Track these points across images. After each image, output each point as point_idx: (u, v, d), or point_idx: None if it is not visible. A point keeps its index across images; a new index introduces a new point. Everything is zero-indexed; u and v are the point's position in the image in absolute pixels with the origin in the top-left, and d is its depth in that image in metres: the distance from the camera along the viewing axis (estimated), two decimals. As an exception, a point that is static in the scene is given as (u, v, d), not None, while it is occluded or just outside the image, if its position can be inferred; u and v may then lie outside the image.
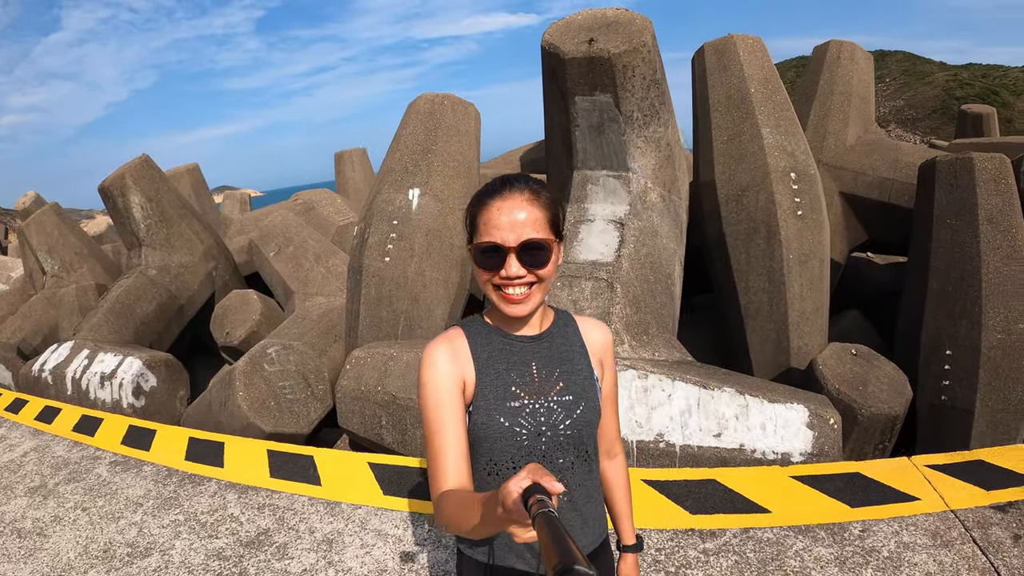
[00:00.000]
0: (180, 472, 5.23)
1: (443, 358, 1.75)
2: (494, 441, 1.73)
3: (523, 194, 1.69)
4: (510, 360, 1.79)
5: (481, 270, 1.71)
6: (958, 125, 15.53)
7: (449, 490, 1.59)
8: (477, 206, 1.73)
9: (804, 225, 6.44)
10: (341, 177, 16.44)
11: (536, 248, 1.66)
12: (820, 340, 6.55)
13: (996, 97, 54.88)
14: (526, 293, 1.69)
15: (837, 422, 4.69)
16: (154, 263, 9.38)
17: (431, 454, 1.68)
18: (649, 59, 5.42)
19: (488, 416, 1.73)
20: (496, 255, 1.67)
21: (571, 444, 1.79)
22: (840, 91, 8.46)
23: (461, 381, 1.74)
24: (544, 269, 1.68)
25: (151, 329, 8.97)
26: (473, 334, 1.82)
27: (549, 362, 1.82)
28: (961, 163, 5.97)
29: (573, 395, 1.79)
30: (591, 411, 1.81)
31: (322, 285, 9.35)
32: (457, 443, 1.67)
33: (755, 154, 6.55)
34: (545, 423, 1.75)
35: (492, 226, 1.67)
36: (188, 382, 7.92)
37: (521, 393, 1.76)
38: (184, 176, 12.99)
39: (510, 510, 1.15)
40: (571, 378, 1.81)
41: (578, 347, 1.88)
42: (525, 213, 1.66)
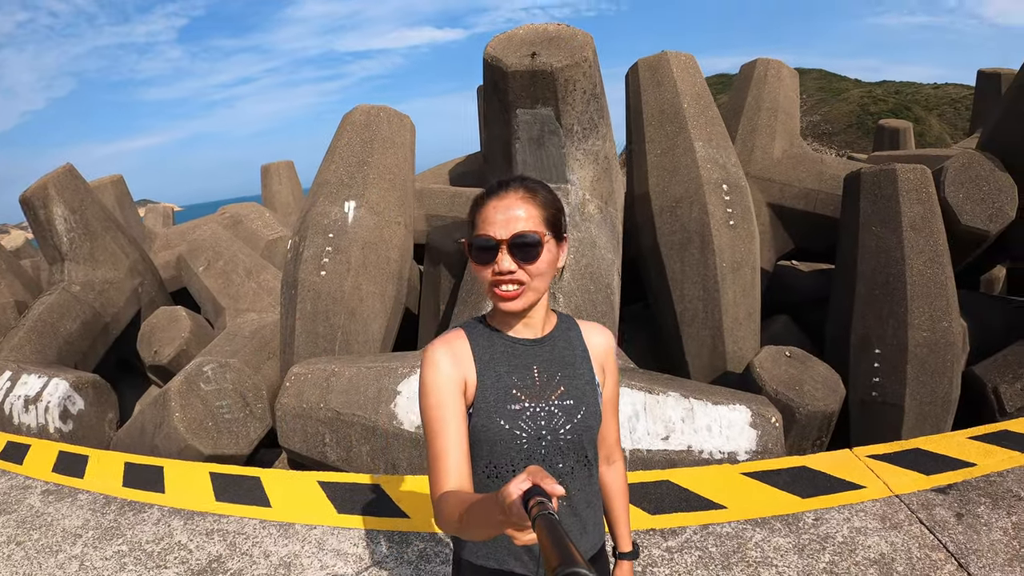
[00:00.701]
0: (119, 499, 4.95)
1: (444, 359, 1.76)
2: (494, 444, 1.74)
3: (518, 192, 1.73)
4: (511, 363, 1.80)
5: (476, 265, 1.73)
6: (876, 139, 16.19)
7: (449, 491, 1.60)
8: (476, 206, 1.77)
9: (736, 234, 6.64)
10: (268, 191, 16.17)
11: (526, 243, 1.67)
12: (753, 344, 6.76)
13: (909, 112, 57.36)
14: (519, 290, 1.70)
15: (778, 420, 4.91)
16: (78, 279, 8.99)
17: (432, 455, 1.69)
18: (590, 74, 5.51)
19: (488, 419, 1.73)
20: (489, 250, 1.69)
21: (571, 449, 1.79)
22: (767, 107, 8.75)
23: (462, 382, 1.75)
24: (534, 265, 1.69)
25: (75, 349, 8.58)
26: (475, 336, 1.83)
27: (551, 366, 1.82)
28: (885, 174, 6.25)
29: (574, 399, 1.80)
30: (592, 416, 1.82)
31: (254, 301, 9.17)
32: (458, 444, 1.68)
33: (688, 167, 6.73)
34: (546, 427, 1.75)
35: (487, 223, 1.70)
36: (117, 404, 7.60)
37: (522, 396, 1.76)
38: (108, 188, 12.51)
39: (510, 512, 1.16)
40: (572, 382, 1.82)
41: (580, 351, 1.89)
42: (520, 210, 1.69)
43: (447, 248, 8.39)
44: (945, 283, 6.04)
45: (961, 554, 3.46)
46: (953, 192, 6.66)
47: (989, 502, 3.89)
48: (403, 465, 5.04)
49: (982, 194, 6.70)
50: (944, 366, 6.01)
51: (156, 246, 12.62)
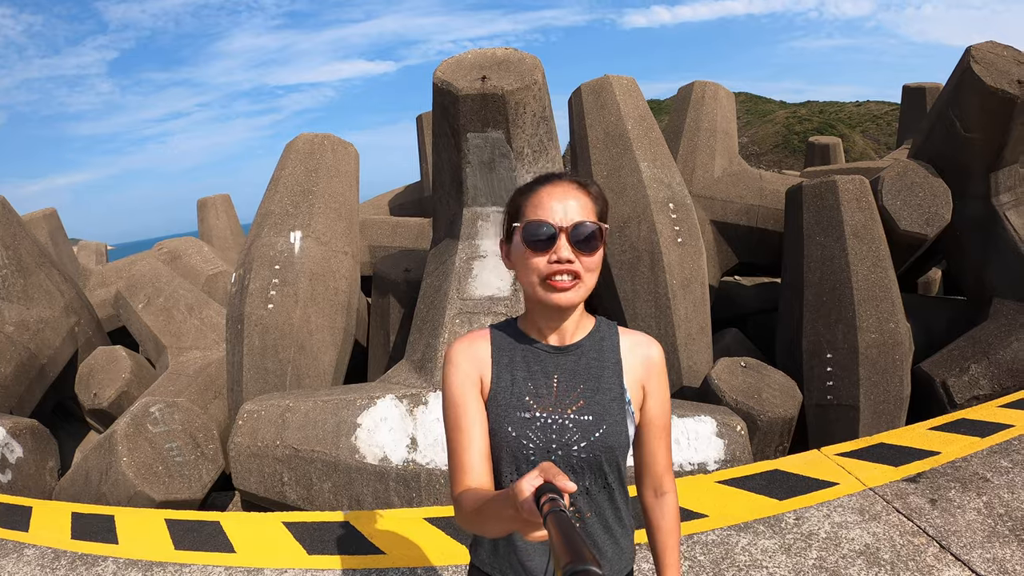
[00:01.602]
0: (69, 552, 4.60)
1: (463, 357, 1.72)
2: (500, 450, 1.67)
3: (572, 183, 1.65)
4: (530, 369, 1.71)
5: (530, 252, 1.60)
6: (807, 155, 16.69)
7: (467, 488, 1.57)
8: (523, 195, 1.69)
9: (684, 251, 6.73)
10: (204, 225, 15.81)
11: (588, 234, 1.58)
12: (707, 358, 6.83)
13: (833, 130, 59.18)
14: (574, 282, 1.60)
15: (744, 429, 5.02)
16: (11, 318, 8.57)
17: (450, 452, 1.66)
18: (540, 96, 5.53)
19: (496, 423, 1.68)
20: (545, 237, 1.58)
21: (586, 468, 1.67)
22: (706, 128, 8.96)
23: (479, 380, 1.71)
24: (593, 257, 1.61)
25: (10, 393, 8.14)
26: (498, 337, 1.77)
27: (573, 376, 1.71)
28: (826, 186, 6.44)
29: (593, 415, 1.67)
30: (613, 436, 1.68)
31: (197, 338, 8.92)
32: (476, 441, 1.64)
33: (635, 187, 6.81)
34: (556, 440, 1.65)
35: (542, 208, 1.61)
36: (57, 451, 7.24)
37: (534, 405, 1.68)
38: (41, 222, 12.04)
39: (522, 509, 1.14)
40: (595, 396, 1.69)
41: (611, 364, 1.74)
42: (575, 200, 1.61)
43: (395, 278, 8.30)
44: (889, 286, 6.28)
45: (941, 537, 3.60)
46: (891, 199, 6.90)
47: (959, 486, 4.06)
48: (368, 500, 4.93)
49: (918, 200, 6.96)
50: (894, 365, 6.24)
51: (91, 283, 12.24)
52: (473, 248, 5.94)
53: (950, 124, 7.07)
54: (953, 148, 7.14)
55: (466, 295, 5.66)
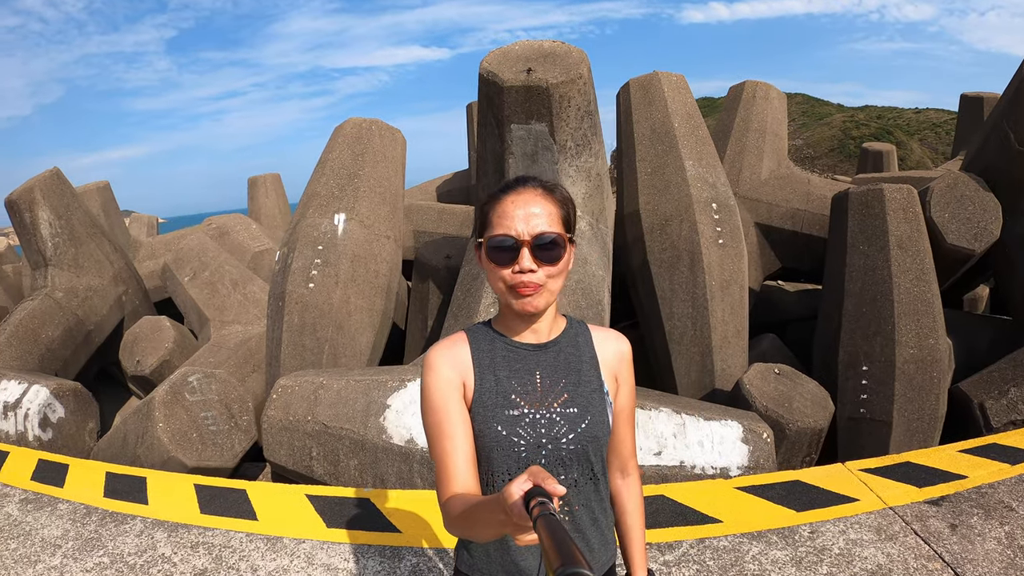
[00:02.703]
0: (100, 510, 4.81)
1: (443, 362, 1.73)
2: (491, 451, 1.68)
3: (536, 190, 1.69)
4: (512, 367, 1.74)
5: (494, 265, 1.66)
6: (860, 161, 16.37)
7: (455, 494, 1.57)
8: (489, 202, 1.72)
9: (725, 253, 6.67)
10: (254, 203, 16.05)
11: (550, 243, 1.63)
12: (742, 362, 6.77)
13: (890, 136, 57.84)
14: (538, 291, 1.65)
15: (770, 436, 4.94)
16: (61, 285, 8.89)
17: (436, 459, 1.67)
18: (584, 90, 5.53)
19: (485, 424, 1.69)
20: (509, 250, 1.63)
21: (575, 460, 1.72)
22: (755, 128, 8.85)
23: (461, 385, 1.72)
24: (556, 265, 1.65)
25: (57, 356, 8.46)
26: (477, 339, 1.78)
27: (554, 371, 1.75)
28: (873, 194, 6.32)
29: (578, 407, 1.72)
30: (597, 426, 1.74)
31: (239, 312, 9.09)
32: (461, 446, 1.64)
33: (678, 185, 6.77)
34: (546, 435, 1.69)
35: (506, 218, 1.65)
36: (98, 414, 7.48)
37: (521, 402, 1.70)
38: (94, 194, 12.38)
39: (511, 513, 1.15)
40: (577, 389, 1.75)
41: (588, 358, 1.81)
42: (539, 207, 1.65)
43: (436, 264, 8.38)
44: (931, 301, 6.13)
45: (957, 564, 3.50)
46: (939, 212, 6.74)
47: (982, 513, 3.94)
48: (392, 479, 5.00)
49: (967, 214, 6.78)
50: (931, 383, 6.09)
51: (141, 255, 12.54)
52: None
53: (1004, 136, 6.89)
54: (1006, 161, 6.95)
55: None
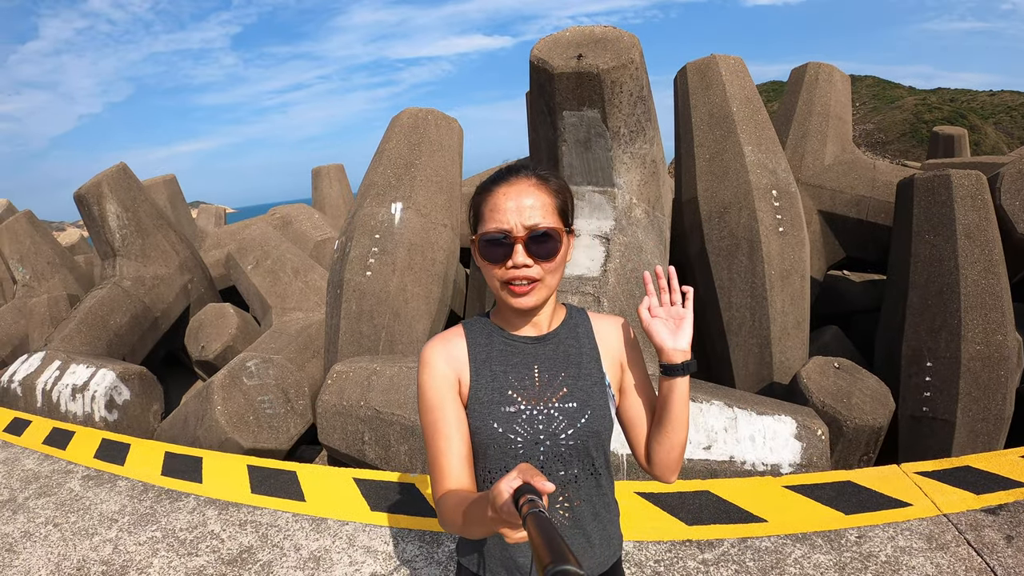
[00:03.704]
0: (157, 487, 5.03)
1: (438, 359, 1.68)
2: (487, 448, 1.64)
3: (529, 179, 1.61)
4: (509, 362, 1.69)
5: (486, 263, 1.61)
6: (930, 146, 15.82)
7: (448, 491, 1.55)
8: (481, 194, 1.65)
9: (785, 241, 6.50)
10: (318, 193, 16.33)
11: (544, 237, 1.56)
12: (802, 355, 6.60)
13: (964, 120, 55.86)
14: (532, 286, 1.59)
15: (825, 433, 4.75)
16: (129, 274, 9.20)
17: (430, 457, 1.64)
18: (636, 76, 5.45)
19: (481, 420, 1.64)
20: (502, 245, 1.57)
21: (574, 455, 1.66)
22: (818, 112, 8.60)
23: (456, 382, 1.67)
24: (552, 261, 1.59)
25: (124, 342, 8.77)
26: (473, 333, 1.74)
27: (553, 365, 1.69)
28: (939, 180, 6.06)
29: (578, 402, 1.66)
30: (598, 420, 1.67)
31: (300, 300, 9.25)
32: (455, 445, 1.61)
33: (737, 172, 6.61)
34: (544, 431, 1.63)
35: (498, 212, 1.58)
36: (162, 396, 7.74)
37: (518, 397, 1.65)
38: (161, 187, 12.81)
39: (500, 511, 1.14)
40: (577, 383, 1.68)
41: (588, 349, 1.74)
42: (532, 199, 1.58)
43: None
44: (1000, 294, 5.82)
45: None
46: (1009, 199, 6.42)
47: None
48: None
49: (1040, 201, 6.44)
50: (998, 381, 5.78)
51: (207, 245, 12.87)
52: (567, 226, 5.93)
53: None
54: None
55: (556, 273, 5.65)
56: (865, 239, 8.10)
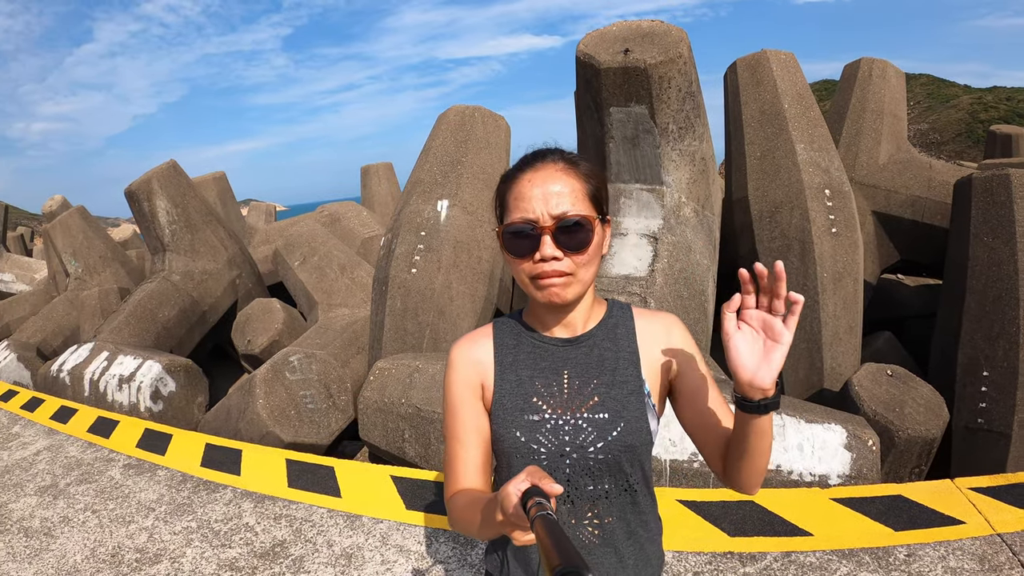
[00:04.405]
0: (195, 478, 5.11)
1: (462, 360, 1.60)
2: (511, 456, 1.53)
3: (557, 164, 1.47)
4: (537, 366, 1.56)
5: (512, 257, 1.47)
6: (987, 145, 15.34)
7: (458, 491, 1.52)
8: (506, 183, 1.52)
9: (838, 243, 6.32)
10: (367, 191, 16.44)
11: (574, 227, 1.41)
12: (853, 361, 6.40)
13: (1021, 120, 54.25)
14: (565, 281, 1.44)
15: (876, 444, 4.55)
16: (178, 268, 9.35)
17: (444, 458, 1.59)
18: (685, 71, 5.33)
19: (504, 428, 1.53)
20: (528, 237, 1.42)
21: (605, 470, 1.51)
22: (872, 109, 8.34)
23: (479, 386, 1.58)
24: (583, 253, 1.43)
25: (172, 334, 8.91)
26: (502, 333, 1.63)
27: (585, 370, 1.54)
28: (998, 179, 5.80)
29: (610, 413, 1.50)
30: (632, 434, 1.50)
31: (346, 296, 9.29)
32: (471, 451, 1.54)
33: (789, 170, 6.44)
34: (571, 443, 1.49)
35: (523, 200, 1.44)
36: (207, 388, 7.85)
37: (544, 406, 1.52)
38: (211, 184, 13.00)
39: (508, 513, 1.12)
40: (610, 392, 1.52)
41: (627, 353, 1.56)
42: (560, 184, 1.43)
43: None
44: (1063, 301, 5.57)
45: None
46: (1073, 200, 6.13)
47: None
48: (479, 465, 4.96)
49: (1105, 202, 6.14)
50: (1059, 392, 5.52)
51: (256, 241, 13.02)
52: (614, 225, 5.84)
53: None
54: None
55: (602, 273, 5.56)
56: (921, 241, 7.84)
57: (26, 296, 13.67)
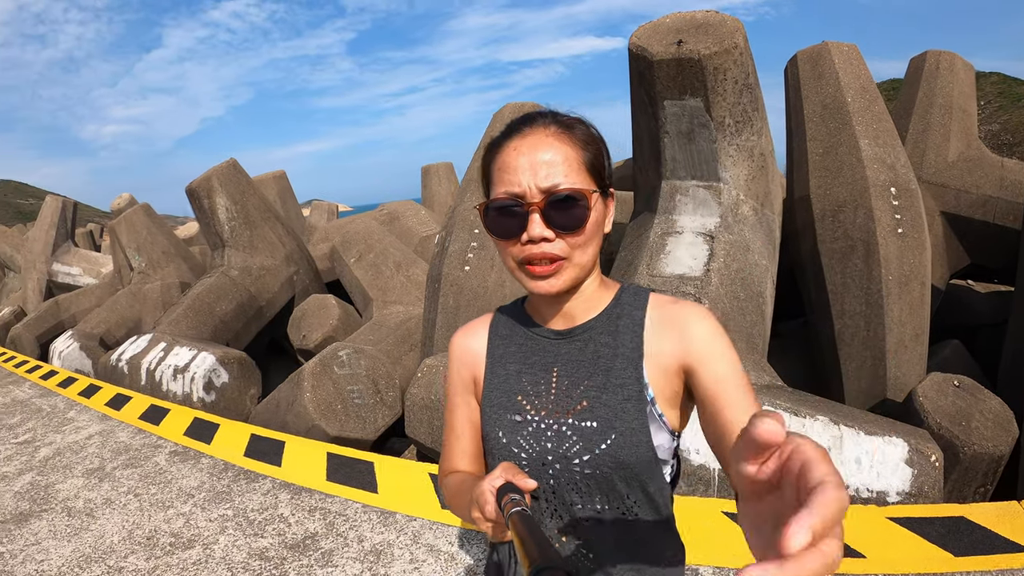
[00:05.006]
0: (236, 467, 5.21)
1: (456, 352, 1.47)
2: (495, 458, 1.35)
3: (547, 129, 1.22)
4: (527, 360, 1.36)
5: (497, 238, 1.25)
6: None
7: (448, 475, 1.45)
8: (491, 152, 1.28)
9: (905, 244, 6.03)
10: (427, 191, 16.55)
11: (566, 202, 1.17)
12: (919, 370, 6.09)
13: (1097, 120, 51.97)
14: (556, 265, 1.21)
15: (939, 459, 4.24)
16: (236, 264, 9.51)
17: (442, 444, 1.51)
18: (741, 62, 5.14)
19: (489, 427, 1.36)
20: (514, 215, 1.20)
21: (594, 487, 1.25)
22: (940, 104, 7.98)
23: (471, 380, 1.44)
24: (579, 233, 1.20)
25: (229, 328, 9.08)
26: (498, 324, 1.45)
27: (576, 369, 1.30)
28: (1078, 180, 5.49)
29: (599, 421, 1.24)
30: (626, 448, 1.22)
31: (401, 293, 9.31)
32: (463, 442, 1.45)
33: (852, 167, 6.18)
34: (553, 451, 1.27)
35: (507, 172, 1.21)
36: (260, 381, 7.96)
37: (527, 406, 1.32)
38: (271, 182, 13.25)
39: (483, 511, 1.08)
40: (601, 397, 1.25)
41: (627, 350, 1.28)
42: (551, 152, 1.19)
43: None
44: None
45: None
46: None
47: None
48: (521, 465, 4.86)
49: None
50: None
51: (315, 238, 13.21)
52: (669, 223, 5.69)
53: None
54: None
55: (655, 272, 5.41)
56: (992, 243, 7.48)
57: (92, 289, 14.19)
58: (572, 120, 1.26)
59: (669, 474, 1.32)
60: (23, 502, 5.12)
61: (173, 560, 3.96)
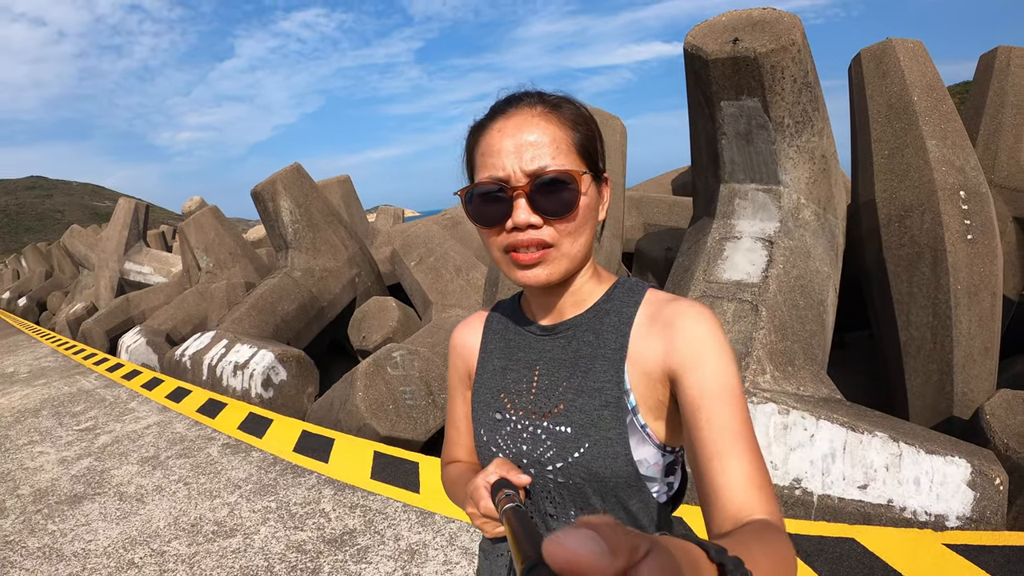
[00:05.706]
0: (285, 461, 5.34)
1: (454, 345, 1.43)
2: (479, 455, 1.30)
3: (533, 109, 1.12)
4: (513, 356, 1.28)
5: (481, 228, 1.15)
6: None
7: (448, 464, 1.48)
8: (474, 135, 1.18)
9: (975, 251, 5.76)
10: (491, 196, 16.62)
11: (554, 185, 1.07)
12: (988, 386, 5.78)
13: None
14: (543, 253, 1.10)
15: (1004, 483, 3.93)
16: (299, 265, 9.70)
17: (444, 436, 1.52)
18: (800, 59, 5.00)
19: (476, 422, 1.31)
20: (498, 201, 1.10)
21: (567, 498, 1.15)
22: (1012, 103, 7.61)
23: (466, 374, 1.40)
24: (568, 219, 1.09)
25: (290, 327, 9.27)
26: (494, 318, 1.38)
27: (557, 368, 1.20)
28: None
29: (574, 427, 1.13)
30: (600, 460, 1.10)
31: (461, 297, 9.36)
32: (462, 435, 1.44)
33: (920, 169, 5.95)
34: (528, 454, 1.18)
35: (491, 155, 1.11)
36: (318, 380, 8.10)
37: (508, 404, 1.25)
38: (335, 187, 13.51)
39: (478, 507, 1.09)
40: (577, 400, 1.15)
41: (608, 351, 1.16)
42: (536, 132, 1.09)
43: (656, 255, 8.16)
44: None
45: None
46: None
47: None
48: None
49: None
50: None
51: (378, 242, 13.41)
52: (727, 228, 5.57)
53: None
54: None
55: (712, 277, 5.29)
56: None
57: (161, 287, 14.80)
58: (560, 99, 1.16)
59: (665, 492, 1.18)
60: (78, 485, 5.41)
61: (214, 547, 4.08)
